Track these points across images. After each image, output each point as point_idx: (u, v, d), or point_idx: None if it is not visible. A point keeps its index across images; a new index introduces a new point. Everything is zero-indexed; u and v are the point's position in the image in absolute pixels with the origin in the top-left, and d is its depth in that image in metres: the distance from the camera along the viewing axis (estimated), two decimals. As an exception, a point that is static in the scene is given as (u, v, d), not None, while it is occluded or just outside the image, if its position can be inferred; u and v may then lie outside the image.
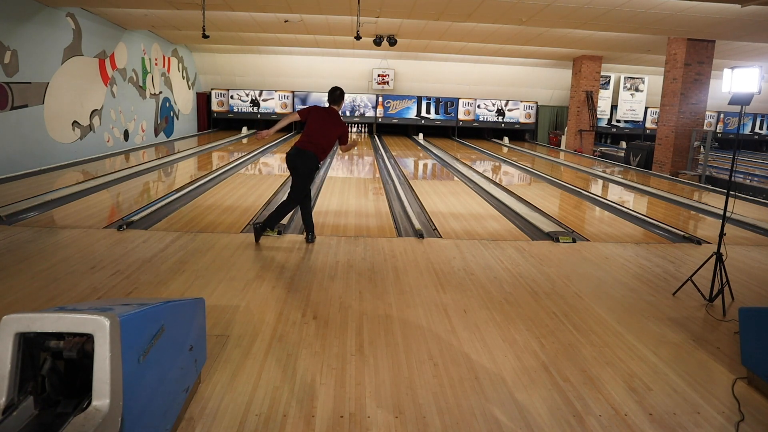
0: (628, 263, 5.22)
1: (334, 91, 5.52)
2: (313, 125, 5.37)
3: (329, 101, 5.53)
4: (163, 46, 15.85)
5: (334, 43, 15.82)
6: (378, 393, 2.77)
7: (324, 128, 5.37)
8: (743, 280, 4.81)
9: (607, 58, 17.20)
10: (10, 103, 8.89)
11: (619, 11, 9.30)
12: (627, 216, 7.63)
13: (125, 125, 13.44)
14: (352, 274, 4.59)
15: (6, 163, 8.74)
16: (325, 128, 5.38)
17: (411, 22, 11.62)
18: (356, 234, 5.93)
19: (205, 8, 9.72)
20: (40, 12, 9.61)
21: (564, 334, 3.55)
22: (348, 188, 9.00)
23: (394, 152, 15.15)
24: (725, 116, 21.79)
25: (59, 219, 6.25)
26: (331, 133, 5.39)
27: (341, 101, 5.56)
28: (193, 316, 2.59)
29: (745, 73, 4.49)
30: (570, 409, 2.68)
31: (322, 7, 9.97)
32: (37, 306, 3.66)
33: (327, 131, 5.38)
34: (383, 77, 19.67)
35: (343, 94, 5.56)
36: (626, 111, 20.38)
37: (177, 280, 4.29)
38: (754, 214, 7.83)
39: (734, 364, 3.19)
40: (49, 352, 1.72)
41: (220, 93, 19.67)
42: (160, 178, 9.85)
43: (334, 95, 5.51)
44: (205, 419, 2.49)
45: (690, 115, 12.40)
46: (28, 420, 1.67)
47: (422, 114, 20.33)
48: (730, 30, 10.41)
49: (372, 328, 3.53)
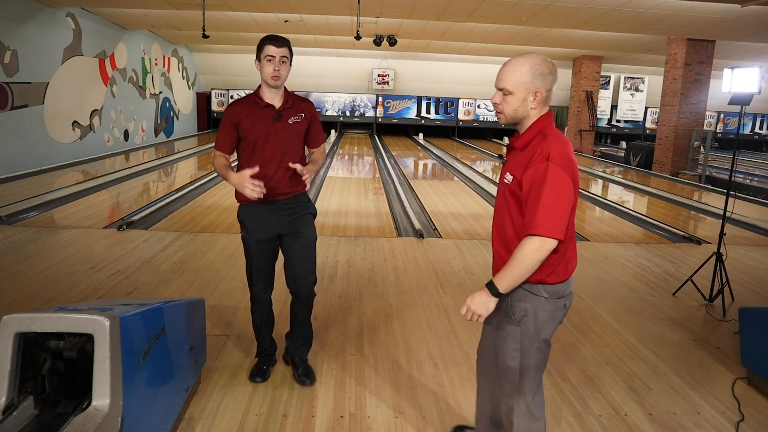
0: (628, 263, 5.22)
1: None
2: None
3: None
4: (163, 46, 15.85)
5: (334, 43, 15.82)
6: (378, 393, 2.77)
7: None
8: (743, 280, 4.81)
9: (607, 58, 17.20)
10: (10, 103, 8.88)
11: (619, 11, 9.29)
12: (627, 216, 7.63)
13: (125, 125, 13.44)
14: (352, 274, 4.58)
15: (6, 163, 8.74)
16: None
17: (411, 22, 11.61)
18: (356, 234, 5.93)
19: (205, 8, 9.72)
20: (40, 12, 9.60)
21: (564, 334, 3.55)
22: (348, 188, 9.00)
23: (394, 152, 15.15)
24: (725, 116, 21.78)
25: (59, 219, 6.25)
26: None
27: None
28: (193, 316, 2.59)
29: (745, 73, 4.50)
30: (570, 409, 2.68)
31: (322, 7, 9.96)
32: (37, 306, 3.66)
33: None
34: (383, 77, 19.67)
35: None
36: (626, 111, 20.38)
37: (177, 280, 4.29)
38: (754, 214, 7.83)
39: (734, 364, 3.19)
40: (49, 352, 1.72)
41: (220, 93, 19.67)
42: (160, 178, 9.85)
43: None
44: (205, 419, 2.49)
45: (690, 115, 12.40)
46: (28, 420, 1.67)
47: (422, 114, 20.33)
48: (730, 30, 10.41)
49: (372, 329, 3.53)
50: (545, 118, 1.84)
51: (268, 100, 2.62)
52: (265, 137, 2.61)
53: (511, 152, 1.91)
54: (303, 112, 2.70)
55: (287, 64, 2.61)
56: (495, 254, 1.97)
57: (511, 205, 1.84)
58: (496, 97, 1.85)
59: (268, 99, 2.62)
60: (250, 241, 2.71)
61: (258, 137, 2.60)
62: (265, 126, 2.61)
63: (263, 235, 2.70)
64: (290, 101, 2.68)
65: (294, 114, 2.67)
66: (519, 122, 1.86)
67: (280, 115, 2.63)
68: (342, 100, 20.16)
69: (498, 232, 1.93)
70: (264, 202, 2.64)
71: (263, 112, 2.62)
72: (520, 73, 1.78)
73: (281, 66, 2.57)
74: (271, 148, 2.62)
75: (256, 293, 2.82)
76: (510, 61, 1.83)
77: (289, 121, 2.65)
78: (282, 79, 2.59)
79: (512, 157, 1.89)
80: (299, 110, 2.69)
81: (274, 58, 2.55)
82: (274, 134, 2.62)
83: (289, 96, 2.69)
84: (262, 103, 2.62)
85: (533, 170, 1.74)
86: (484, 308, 1.79)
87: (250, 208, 2.70)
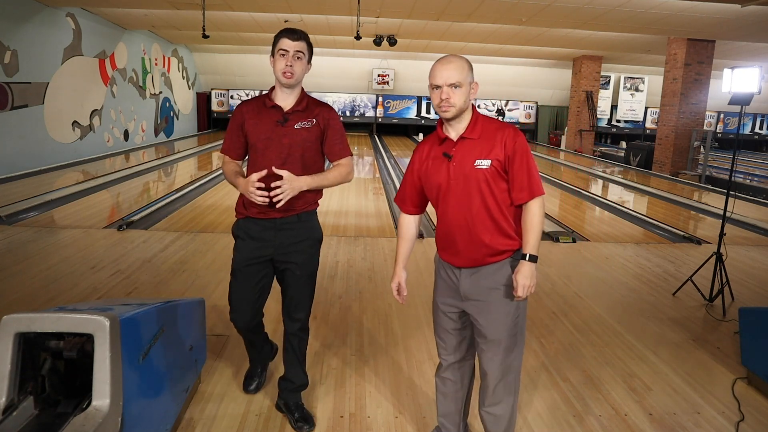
0: (628, 263, 5.22)
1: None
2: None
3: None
4: (163, 46, 15.85)
5: (334, 43, 15.81)
6: (378, 393, 2.77)
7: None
8: (743, 280, 4.81)
9: (607, 58, 17.20)
10: (10, 103, 8.88)
11: (619, 11, 9.29)
12: (627, 216, 7.63)
13: (125, 125, 13.44)
14: (352, 274, 4.59)
15: (6, 163, 8.74)
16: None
17: (411, 22, 11.61)
18: (356, 234, 5.93)
19: (205, 8, 9.72)
20: (40, 12, 9.60)
21: (564, 334, 3.55)
22: (348, 188, 8.99)
23: (394, 152, 15.15)
24: (725, 116, 21.78)
25: (59, 219, 6.25)
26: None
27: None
28: (193, 316, 2.59)
29: (745, 73, 4.50)
30: (570, 409, 2.68)
31: (322, 7, 9.96)
32: (37, 306, 3.66)
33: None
34: (383, 77, 19.67)
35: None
36: (626, 111, 20.38)
37: (177, 280, 4.29)
38: (754, 214, 7.83)
39: (734, 364, 3.19)
40: (49, 352, 1.72)
41: (220, 93, 19.67)
42: (160, 178, 9.85)
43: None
44: (205, 419, 2.49)
45: (690, 115, 12.40)
46: (28, 420, 1.67)
47: (422, 114, 20.34)
48: (730, 30, 10.41)
49: (372, 328, 3.53)
50: (474, 107, 2.04)
51: (278, 102, 2.30)
52: (266, 142, 2.28)
53: (461, 142, 1.98)
54: (315, 118, 2.32)
55: (303, 61, 2.26)
56: (473, 243, 1.98)
57: (495, 188, 1.95)
58: (445, 92, 1.92)
59: (278, 100, 2.30)
60: (238, 260, 2.38)
61: (258, 141, 2.28)
62: (267, 129, 2.28)
63: (253, 254, 2.35)
64: (303, 104, 2.32)
65: (303, 119, 2.30)
66: (461, 114, 1.97)
67: (286, 118, 2.28)
68: (342, 100, 20.17)
69: (479, 221, 1.96)
70: (258, 219, 2.33)
71: (269, 113, 2.30)
72: (463, 68, 1.93)
73: (295, 62, 2.23)
74: (272, 155, 2.27)
75: (236, 319, 2.45)
76: (449, 59, 1.95)
77: (295, 126, 2.28)
78: (296, 77, 2.25)
79: (466, 146, 1.97)
80: (311, 115, 2.32)
81: (287, 53, 2.22)
82: (276, 139, 2.27)
83: (304, 98, 2.33)
84: (270, 104, 2.30)
85: (513, 145, 1.92)
86: (534, 278, 1.96)
87: (246, 223, 2.37)
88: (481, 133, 1.96)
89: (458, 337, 2.14)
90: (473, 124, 1.98)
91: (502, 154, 1.92)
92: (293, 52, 2.23)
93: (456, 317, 2.11)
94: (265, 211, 2.30)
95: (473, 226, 1.96)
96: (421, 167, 2.09)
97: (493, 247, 1.97)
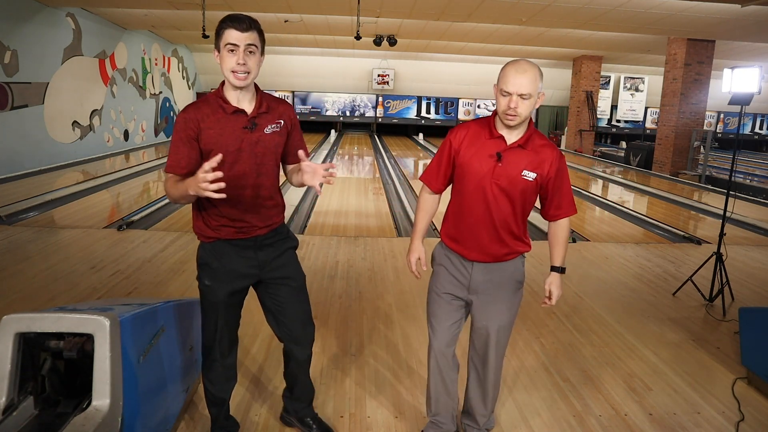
0: (628, 263, 5.22)
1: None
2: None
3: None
4: (163, 46, 15.85)
5: (334, 43, 15.82)
6: (378, 393, 2.77)
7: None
8: (743, 280, 4.81)
9: (607, 58, 17.20)
10: (10, 103, 8.88)
11: (619, 11, 9.29)
12: (627, 216, 7.63)
13: (125, 125, 13.44)
14: (352, 274, 4.59)
15: (6, 163, 8.74)
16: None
17: (411, 22, 11.61)
18: (356, 234, 5.93)
19: (205, 8, 9.72)
20: (40, 12, 9.60)
21: (564, 334, 3.55)
22: (348, 188, 9.00)
23: (394, 152, 15.15)
24: (725, 116, 21.79)
25: (59, 219, 6.25)
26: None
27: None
28: (193, 316, 2.59)
29: (745, 73, 4.50)
30: (570, 409, 2.68)
31: (322, 7, 9.96)
32: (37, 306, 3.66)
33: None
34: (383, 77, 19.67)
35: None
36: (626, 111, 20.38)
37: (177, 280, 4.29)
38: (754, 214, 7.83)
39: (734, 364, 3.19)
40: (49, 352, 1.72)
41: (220, 93, 19.66)
42: (160, 178, 9.85)
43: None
44: (206, 419, 2.48)
45: (690, 115, 12.40)
46: (28, 420, 1.67)
47: (422, 114, 20.34)
48: (730, 30, 10.41)
49: (372, 328, 3.53)
50: (530, 118, 2.09)
51: (236, 104, 1.94)
52: (236, 153, 1.93)
53: (514, 148, 2.01)
54: (282, 118, 2.03)
55: (257, 55, 1.89)
56: (498, 242, 2.08)
57: (529, 198, 2.06)
58: (514, 101, 1.92)
59: (235, 102, 1.94)
60: (219, 293, 2.04)
61: (227, 154, 1.88)
62: (236, 139, 1.93)
63: (238, 284, 2.06)
64: (264, 105, 1.98)
65: (272, 121, 2.00)
66: (522, 123, 2.01)
67: (254, 123, 1.95)
68: (342, 100, 20.16)
69: (508, 223, 2.06)
70: (237, 239, 2.01)
71: (232, 120, 1.93)
72: (536, 80, 1.94)
73: (248, 58, 1.86)
74: (243, 167, 1.95)
75: (217, 359, 2.15)
76: (524, 67, 1.92)
77: (266, 131, 1.98)
78: (252, 76, 1.90)
79: (516, 154, 2.01)
80: (277, 116, 2.02)
81: (237, 48, 1.84)
82: (248, 149, 1.95)
83: (262, 97, 1.99)
84: (230, 109, 1.93)
85: (558, 166, 2.05)
86: (562, 288, 2.26)
87: (218, 246, 2.02)
88: (532, 145, 2.03)
89: (454, 326, 2.25)
90: (528, 135, 2.03)
91: (546, 171, 2.03)
92: (244, 47, 1.85)
93: (457, 306, 2.21)
94: (246, 230, 2.00)
95: (502, 227, 2.06)
96: (466, 152, 2.05)
97: (512, 248, 2.12)
